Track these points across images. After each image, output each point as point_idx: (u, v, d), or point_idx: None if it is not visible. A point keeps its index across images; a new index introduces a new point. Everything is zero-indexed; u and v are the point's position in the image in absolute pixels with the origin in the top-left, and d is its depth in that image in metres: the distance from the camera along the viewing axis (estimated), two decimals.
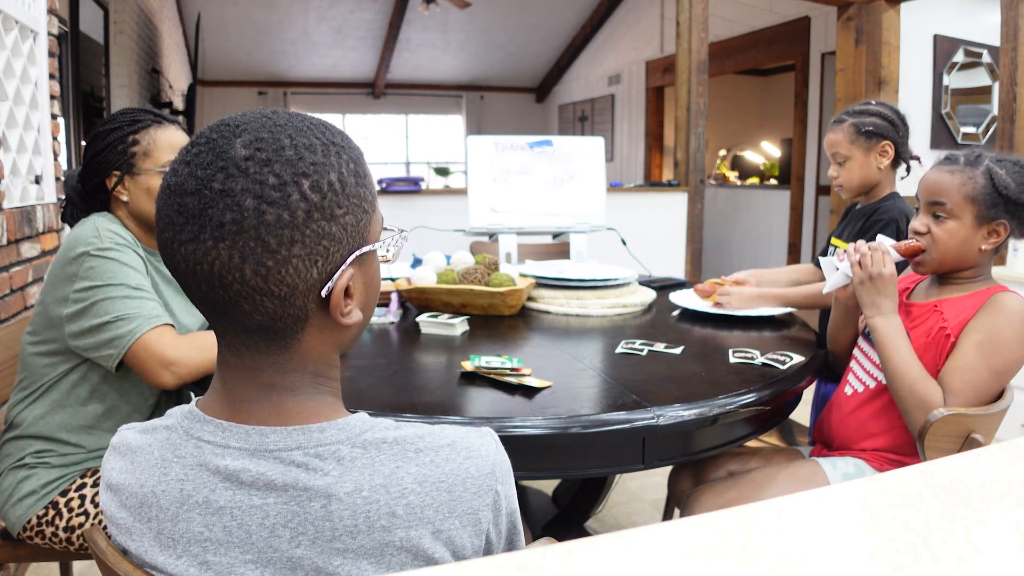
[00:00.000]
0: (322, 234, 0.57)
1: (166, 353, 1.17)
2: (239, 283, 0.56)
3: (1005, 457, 0.49)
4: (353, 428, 0.61)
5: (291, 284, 0.57)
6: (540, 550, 0.36)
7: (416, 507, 0.58)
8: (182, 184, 0.56)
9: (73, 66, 3.88)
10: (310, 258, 0.57)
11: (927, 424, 1.10)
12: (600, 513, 2.17)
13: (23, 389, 1.30)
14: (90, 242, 1.21)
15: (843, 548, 0.37)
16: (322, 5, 7.72)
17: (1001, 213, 1.21)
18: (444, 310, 1.69)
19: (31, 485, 1.26)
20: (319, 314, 0.61)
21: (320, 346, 0.63)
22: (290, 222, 0.55)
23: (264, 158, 0.56)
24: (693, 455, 1.23)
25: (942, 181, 1.24)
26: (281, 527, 0.58)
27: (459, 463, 0.61)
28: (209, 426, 0.61)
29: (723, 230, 6.58)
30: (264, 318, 0.58)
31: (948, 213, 1.24)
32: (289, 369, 0.62)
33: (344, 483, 0.58)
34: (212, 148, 0.56)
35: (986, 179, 1.22)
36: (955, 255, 1.25)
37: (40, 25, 2.03)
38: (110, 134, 1.29)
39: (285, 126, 0.58)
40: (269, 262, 0.55)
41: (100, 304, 1.19)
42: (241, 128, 0.57)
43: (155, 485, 0.61)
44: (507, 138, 2.54)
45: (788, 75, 6.91)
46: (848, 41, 4.15)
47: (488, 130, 9.65)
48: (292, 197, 0.55)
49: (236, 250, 0.55)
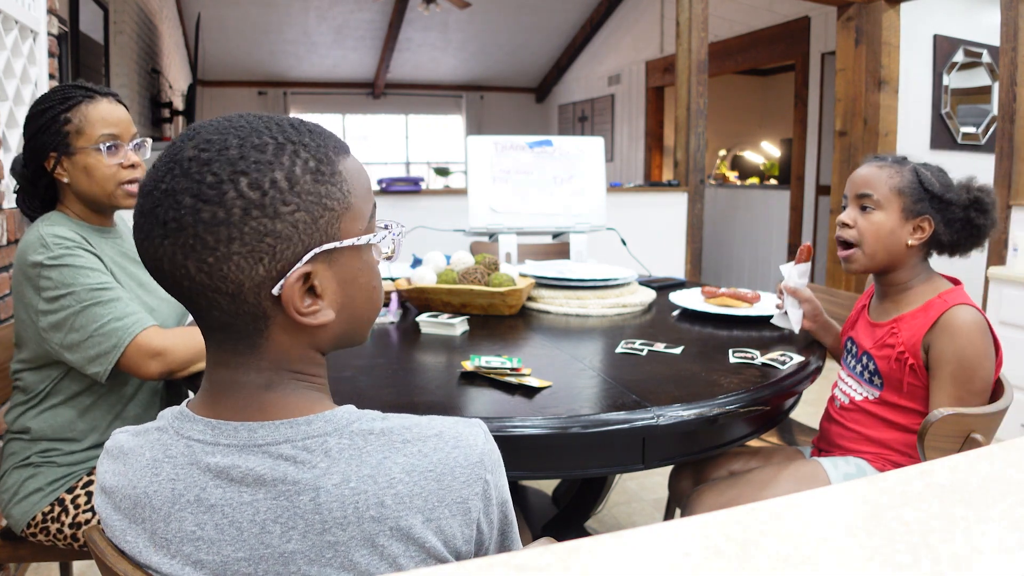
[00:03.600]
0: (264, 231, 0.57)
1: (152, 344, 1.18)
2: (188, 280, 0.58)
3: (1005, 457, 0.49)
4: (340, 420, 0.61)
5: (236, 281, 0.58)
6: (540, 550, 0.36)
7: (405, 496, 0.58)
8: (143, 186, 0.60)
9: (73, 66, 3.88)
10: (252, 255, 0.57)
11: (927, 424, 1.10)
12: (600, 513, 2.17)
13: (23, 393, 1.30)
14: (39, 251, 1.19)
15: (843, 548, 0.37)
16: (322, 5, 7.71)
17: (926, 208, 1.26)
18: (444, 310, 1.69)
19: (37, 483, 1.27)
20: (281, 315, 0.61)
21: (293, 345, 0.63)
22: (225, 219, 0.56)
23: (205, 158, 0.57)
24: (693, 455, 1.23)
25: (871, 175, 1.30)
26: (271, 522, 0.58)
27: (447, 452, 0.61)
28: (199, 425, 0.62)
29: (723, 230, 6.57)
30: (222, 315, 0.60)
31: (875, 204, 1.29)
32: (264, 367, 0.62)
33: (332, 475, 0.58)
34: (170, 151, 0.59)
35: (912, 175, 1.28)
36: (884, 249, 1.28)
37: (40, 25, 2.03)
38: (42, 115, 1.23)
39: (241, 128, 0.59)
40: (209, 259, 0.57)
41: (75, 317, 1.18)
42: (198, 131, 0.59)
43: (147, 486, 0.61)
44: (507, 138, 2.54)
45: (788, 75, 6.91)
46: (848, 41, 4.15)
47: (488, 130, 9.65)
48: (228, 195, 0.56)
49: (178, 247, 0.57)
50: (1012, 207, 3.16)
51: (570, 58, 9.45)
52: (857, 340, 1.37)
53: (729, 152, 8.78)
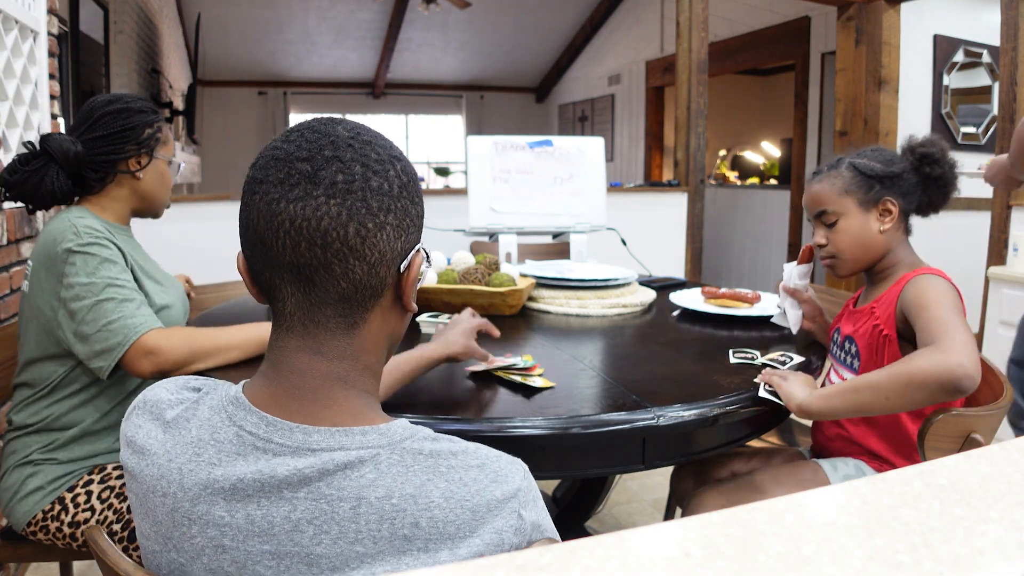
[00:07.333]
0: (407, 212, 0.64)
1: (147, 344, 1.19)
2: (340, 241, 0.60)
3: (1005, 457, 0.49)
4: (395, 435, 0.62)
5: (381, 250, 0.62)
6: (540, 550, 0.36)
7: (439, 522, 0.59)
8: (292, 152, 0.62)
9: (73, 66, 3.87)
10: (398, 229, 0.63)
11: (927, 424, 1.10)
12: (600, 513, 2.17)
13: (29, 388, 1.31)
14: (70, 239, 1.23)
15: (843, 548, 0.37)
16: (322, 5, 7.72)
17: (881, 192, 1.27)
18: (444, 310, 1.69)
19: (38, 481, 1.27)
20: (390, 294, 0.66)
21: (379, 333, 0.67)
22: (388, 191, 0.62)
23: (365, 139, 0.64)
24: (693, 455, 1.23)
25: (815, 191, 1.33)
26: (306, 523, 0.58)
27: (485, 485, 0.61)
28: (253, 417, 0.62)
29: (723, 230, 6.57)
30: (349, 285, 0.62)
31: (834, 215, 1.30)
32: (348, 355, 0.64)
33: (377, 488, 0.58)
34: (315, 130, 0.63)
35: (851, 171, 1.29)
36: (860, 247, 1.29)
37: (40, 25, 2.04)
38: (140, 114, 1.36)
39: (371, 128, 0.67)
40: (369, 224, 0.61)
41: (88, 310, 1.20)
42: (336, 121, 0.65)
43: (184, 463, 0.61)
44: (507, 138, 2.54)
45: (788, 75, 6.91)
46: (848, 41, 4.15)
47: (488, 130, 9.65)
48: (390, 172, 0.63)
49: (344, 208, 0.60)
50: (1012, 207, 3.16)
51: (570, 58, 9.45)
52: (842, 329, 1.36)
53: (729, 152, 8.79)
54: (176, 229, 2.89)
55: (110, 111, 1.33)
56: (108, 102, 1.34)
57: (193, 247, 2.88)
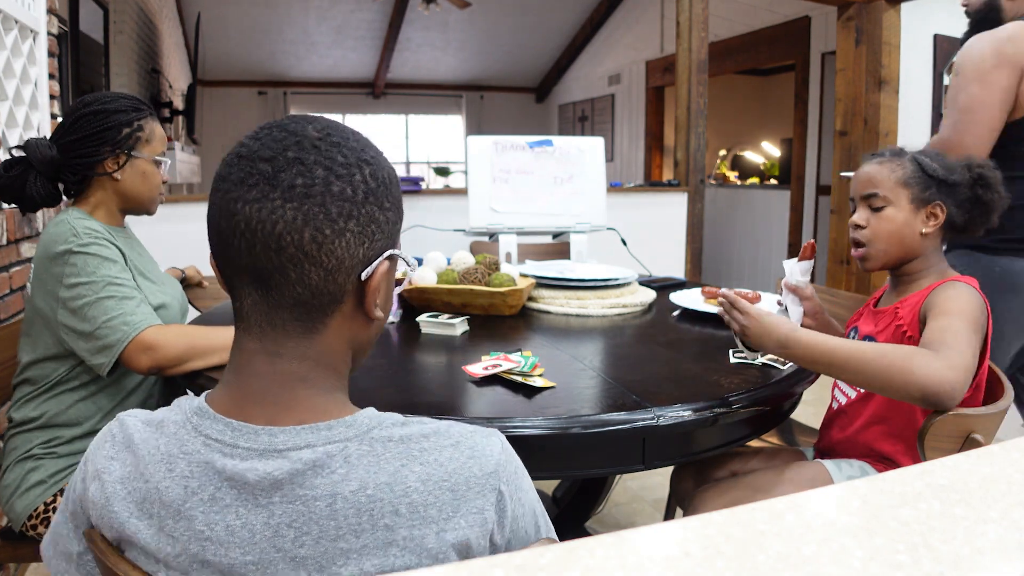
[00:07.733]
0: (372, 218, 0.62)
1: (145, 340, 1.20)
2: (294, 246, 0.59)
3: (1005, 457, 0.49)
4: (361, 425, 0.61)
5: (339, 257, 0.60)
6: (540, 550, 0.36)
7: (419, 506, 0.58)
8: (256, 151, 0.60)
9: (73, 66, 3.87)
10: (360, 236, 0.61)
11: (927, 424, 1.09)
12: (600, 513, 2.17)
13: (30, 385, 1.32)
14: (70, 240, 1.24)
15: (843, 548, 0.37)
16: (322, 5, 7.72)
17: (935, 195, 1.25)
18: (444, 310, 1.69)
19: (39, 475, 1.28)
20: (351, 301, 0.64)
21: (341, 339, 0.65)
22: (351, 197, 0.60)
23: (334, 141, 0.62)
24: (693, 455, 1.23)
25: (873, 172, 1.29)
26: (286, 527, 0.58)
27: (462, 463, 0.61)
28: (218, 424, 0.61)
29: (723, 230, 6.57)
30: (304, 290, 0.61)
31: (884, 200, 1.27)
32: (308, 356, 0.63)
33: (350, 481, 0.58)
34: (285, 128, 0.62)
35: (914, 165, 1.26)
36: (898, 241, 1.27)
37: (40, 25, 2.04)
38: (115, 115, 1.33)
39: (347, 128, 0.65)
40: (327, 230, 0.59)
41: (88, 307, 1.21)
42: (310, 119, 0.64)
43: (159, 481, 0.61)
44: (507, 138, 2.54)
45: (788, 75, 6.91)
46: (848, 41, 4.15)
47: (488, 130, 9.64)
48: (355, 177, 0.61)
49: (301, 212, 0.58)
50: None
51: (570, 58, 9.45)
52: (860, 328, 1.36)
53: (729, 152, 8.79)
54: (176, 229, 2.88)
55: (86, 113, 1.32)
56: (86, 104, 1.33)
57: (193, 247, 2.88)
